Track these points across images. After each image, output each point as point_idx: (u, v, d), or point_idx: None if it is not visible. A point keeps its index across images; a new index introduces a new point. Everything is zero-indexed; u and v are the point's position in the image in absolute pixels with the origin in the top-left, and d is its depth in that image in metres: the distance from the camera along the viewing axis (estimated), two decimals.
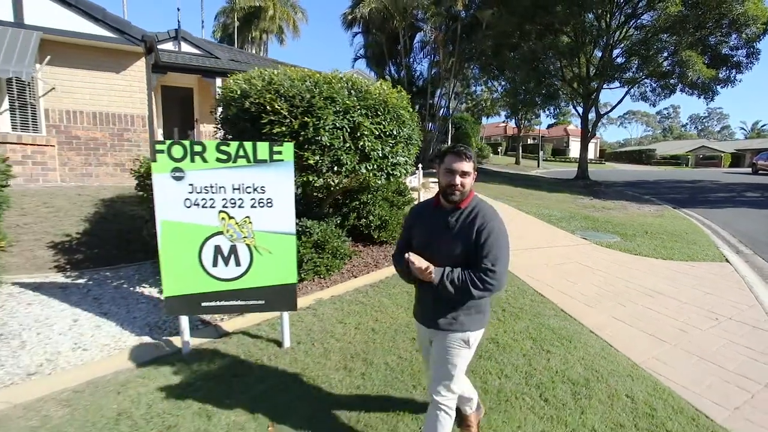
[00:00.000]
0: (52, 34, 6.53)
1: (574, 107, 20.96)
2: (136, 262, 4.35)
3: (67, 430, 2.16)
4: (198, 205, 2.70)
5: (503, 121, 44.92)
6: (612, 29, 16.93)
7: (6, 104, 6.54)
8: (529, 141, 48.46)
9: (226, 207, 2.74)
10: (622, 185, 18.54)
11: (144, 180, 3.54)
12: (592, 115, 19.64)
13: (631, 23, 16.84)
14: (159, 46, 9.11)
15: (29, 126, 6.81)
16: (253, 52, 33.20)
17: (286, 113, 3.28)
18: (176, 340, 3.01)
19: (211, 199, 2.71)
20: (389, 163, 3.99)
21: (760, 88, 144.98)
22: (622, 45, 17.65)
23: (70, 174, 7.13)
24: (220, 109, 4.40)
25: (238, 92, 3.55)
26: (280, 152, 2.71)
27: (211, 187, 2.69)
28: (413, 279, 1.85)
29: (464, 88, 29.79)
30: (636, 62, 17.20)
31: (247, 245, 2.80)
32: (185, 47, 11.09)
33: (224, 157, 2.67)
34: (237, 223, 2.76)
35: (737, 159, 45.04)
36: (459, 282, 1.72)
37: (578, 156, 20.47)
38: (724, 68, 16.17)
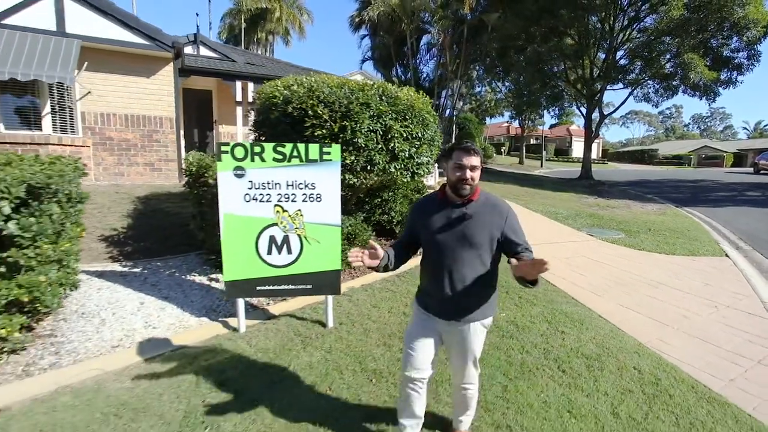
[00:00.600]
0: (90, 41, 6.93)
1: (578, 108, 21.26)
2: (180, 254, 4.72)
3: (156, 390, 2.53)
4: (256, 199, 3.06)
5: (507, 122, 45.18)
6: (615, 31, 17.22)
7: (48, 108, 6.94)
8: (532, 141, 48.68)
9: (281, 201, 3.09)
10: (625, 185, 18.81)
11: (195, 179, 3.90)
12: (595, 116, 19.95)
13: (635, 26, 17.10)
14: None
15: (67, 128, 7.21)
16: (259, 53, 33.55)
17: (327, 117, 3.64)
18: (232, 321, 3.37)
19: (267, 194, 3.07)
20: (414, 163, 4.35)
21: (763, 88, 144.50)
22: (626, 47, 17.93)
23: (104, 173, 7.52)
24: (252, 113, 4.77)
25: (281, 98, 3.91)
26: (329, 153, 3.07)
27: (268, 183, 3.05)
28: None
29: (468, 89, 30.14)
30: (639, 64, 17.49)
31: (298, 235, 3.16)
32: (203, 51, 11.46)
33: (280, 156, 3.03)
34: (290, 216, 3.12)
35: (739, 159, 45.11)
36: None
37: (581, 156, 20.77)
38: (726, 70, 16.44)
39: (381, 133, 3.89)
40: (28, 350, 2.79)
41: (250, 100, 9.92)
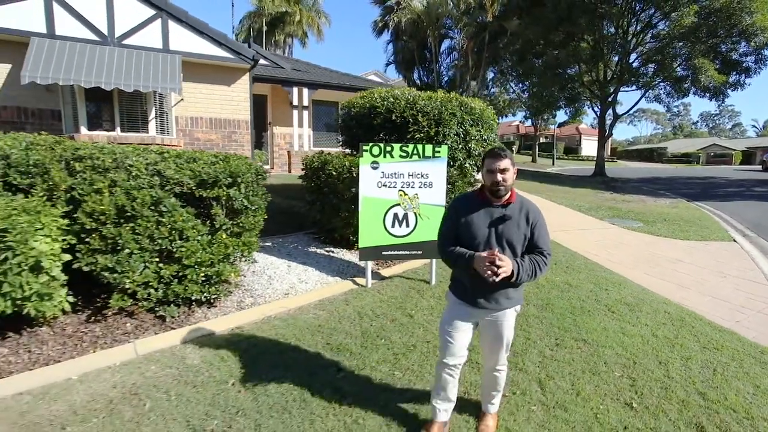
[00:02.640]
0: (187, 56, 8.05)
1: (593, 109, 22.11)
2: (290, 233, 5.80)
3: (334, 318, 3.62)
4: (386, 186, 4.13)
5: (520, 121, 45.87)
6: (630, 35, 18.03)
7: (153, 113, 8.09)
8: (541, 140, 49.32)
9: (403, 187, 4.16)
10: (637, 181, 19.66)
11: (314, 172, 4.96)
12: (607, 114, 20.75)
13: (648, 32, 17.91)
14: None
15: (165, 130, 8.35)
16: (278, 53, 34.60)
17: (425, 124, 4.70)
18: (359, 280, 4.45)
19: (393, 182, 4.14)
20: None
21: None
22: (639, 50, 18.73)
23: None
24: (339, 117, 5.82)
25: (383, 108, 4.97)
26: (439, 151, 4.13)
27: (395, 174, 4.12)
28: (469, 269, 1.96)
29: (482, 90, 31.04)
30: (652, 67, 18.31)
31: (414, 213, 4.23)
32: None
33: (404, 154, 4.09)
34: (409, 198, 4.19)
35: (748, 156, 45.38)
36: (530, 270, 1.96)
37: (590, 154, 21.59)
38: (734, 73, 17.20)
39: (462, 135, 4.94)
40: (233, 294, 3.90)
41: (305, 104, 11.01)
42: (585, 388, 2.75)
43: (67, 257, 2.89)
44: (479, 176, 6.59)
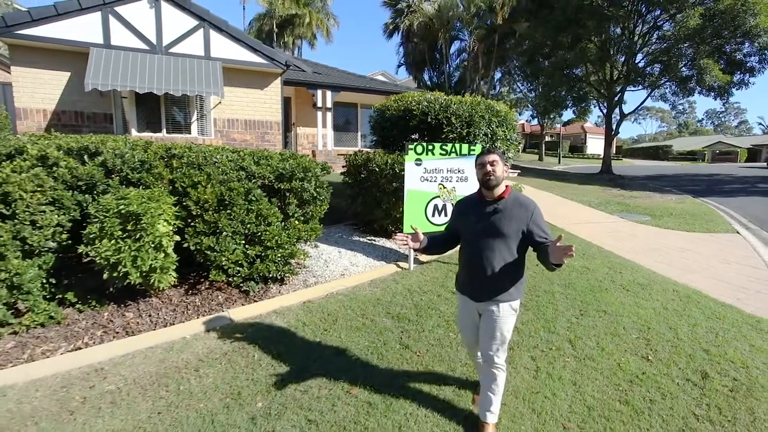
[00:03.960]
0: (226, 63, 8.65)
1: (600, 108, 22.53)
2: (332, 225, 6.37)
3: (387, 294, 4.18)
4: (427, 180, 4.69)
5: (526, 120, 46.20)
6: (636, 37, 18.44)
7: (195, 116, 8.71)
8: (547, 138, 49.58)
9: (442, 182, 4.72)
10: (643, 179, 20.06)
11: (356, 168, 5.53)
12: (614, 113, 21.18)
13: (654, 34, 18.32)
14: None
15: (205, 132, 8.96)
16: (286, 54, 35.14)
17: (458, 125, 5.25)
18: (401, 264, 5.01)
19: (434, 176, 4.69)
20: (506, 157, 5.93)
21: None
22: (645, 50, 19.14)
23: None
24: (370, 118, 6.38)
25: (419, 111, 5.53)
26: (474, 150, 4.68)
27: (435, 169, 4.68)
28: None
29: (490, 90, 31.55)
30: (658, 68, 18.71)
31: (452, 204, 4.79)
32: None
33: (444, 152, 4.65)
34: (447, 191, 4.75)
35: (754, 154, 45.43)
36: None
37: (595, 152, 21.99)
38: (739, 72, 17.58)
39: (489, 135, 5.49)
40: (299, 274, 4.48)
41: (329, 105, 11.60)
42: (608, 346, 3.30)
43: (177, 238, 3.48)
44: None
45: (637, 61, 19.26)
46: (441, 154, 4.65)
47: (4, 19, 6.94)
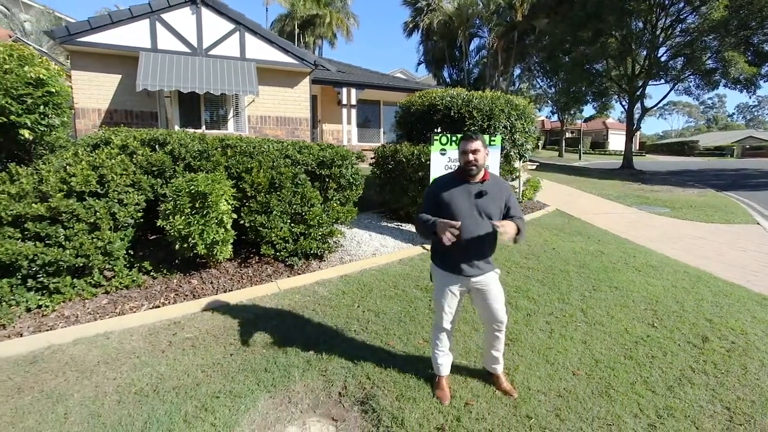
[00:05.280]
0: (260, 63, 9.23)
1: (620, 103, 22.27)
2: (362, 213, 6.81)
3: (415, 270, 4.60)
4: (450, 168, 5.07)
5: (545, 116, 45.65)
6: (658, 30, 18.17)
7: (231, 113, 9.34)
8: (568, 135, 48.77)
9: None
10: (665, 174, 19.77)
11: (383, 159, 5.97)
12: (635, 108, 20.88)
13: (677, 27, 18.01)
14: None
15: (240, 128, 9.58)
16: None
17: (479, 118, 5.62)
18: (426, 246, 5.43)
19: (457, 165, 5.07)
20: (524, 149, 6.26)
21: None
22: (667, 44, 18.82)
23: None
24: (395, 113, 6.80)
25: (442, 105, 5.91)
26: (494, 140, 5.04)
27: (458, 159, 5.05)
28: (434, 236, 2.12)
29: (510, 86, 31.46)
30: (681, 61, 18.40)
31: None
32: None
33: None
34: None
35: None
36: (522, 229, 2.17)
37: (617, 148, 21.74)
38: (766, 64, 17.15)
39: (509, 128, 5.83)
40: (335, 253, 4.95)
41: (353, 103, 12.08)
42: (617, 314, 3.64)
43: (235, 216, 4.00)
44: (518, 165, 7.38)
45: (659, 55, 18.98)
46: None
47: (68, 29, 7.67)
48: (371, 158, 6.44)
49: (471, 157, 2.19)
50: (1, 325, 3.10)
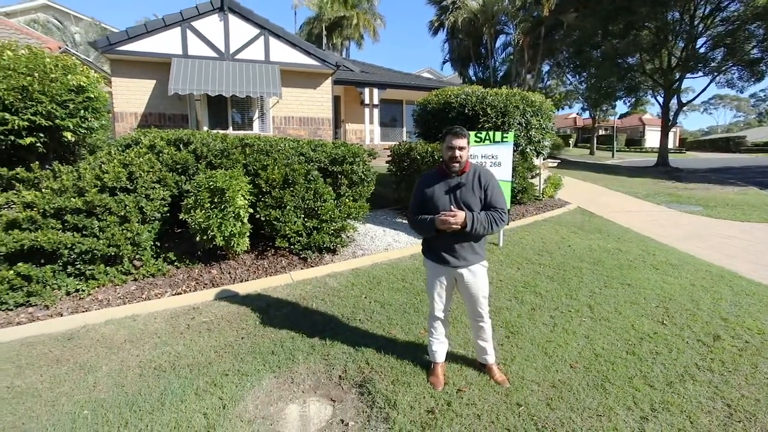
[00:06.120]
0: (283, 66, 9.56)
1: (654, 97, 21.25)
2: (377, 209, 6.96)
3: (422, 266, 4.67)
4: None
5: (577, 113, 44.16)
6: (696, 19, 17.18)
7: (256, 114, 9.74)
8: (601, 132, 46.93)
9: None
10: (704, 171, 18.70)
11: (399, 157, 6.07)
12: (672, 103, 19.88)
13: (717, 15, 17.00)
14: None
15: (265, 128, 9.96)
16: (335, 55, 36.22)
17: (493, 115, 5.61)
18: None
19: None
20: (541, 146, 6.18)
21: None
22: (706, 34, 17.79)
23: None
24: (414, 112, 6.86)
25: (457, 103, 5.94)
26: (507, 137, 5.03)
27: (471, 156, 5.07)
28: (435, 231, 2.25)
29: (538, 83, 30.66)
30: (721, 52, 17.34)
31: None
32: None
33: (478, 139, 5.05)
34: None
35: None
36: (486, 222, 2.22)
37: (654, 145, 20.70)
38: None
39: (524, 124, 5.78)
40: (348, 247, 5.11)
41: (375, 102, 12.24)
42: (625, 311, 3.58)
43: (251, 210, 4.22)
44: (538, 162, 7.29)
45: (698, 47, 17.96)
46: (476, 141, 5.05)
47: (108, 39, 8.26)
48: (388, 156, 6.56)
49: (457, 153, 2.24)
50: (45, 306, 3.44)
